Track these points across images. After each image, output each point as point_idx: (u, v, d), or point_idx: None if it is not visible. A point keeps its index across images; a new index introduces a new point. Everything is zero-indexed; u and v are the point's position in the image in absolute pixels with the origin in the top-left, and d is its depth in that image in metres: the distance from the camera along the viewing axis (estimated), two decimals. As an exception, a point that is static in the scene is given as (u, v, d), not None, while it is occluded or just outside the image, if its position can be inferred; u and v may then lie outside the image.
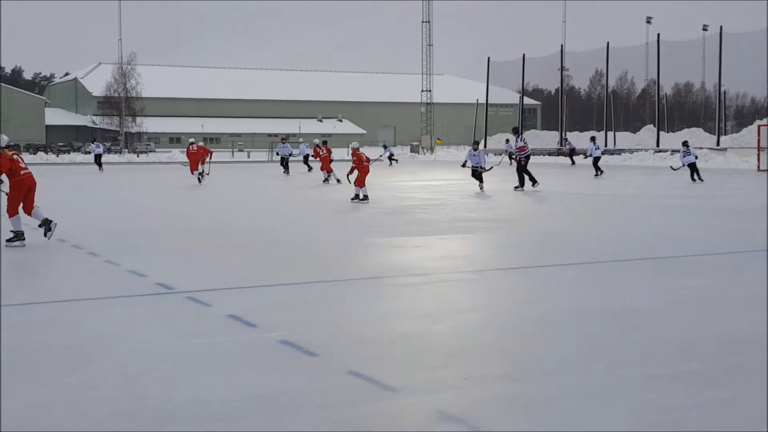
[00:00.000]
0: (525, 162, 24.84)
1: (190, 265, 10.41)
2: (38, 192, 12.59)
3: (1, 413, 4.68)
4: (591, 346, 6.24)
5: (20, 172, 12.09)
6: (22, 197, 12.14)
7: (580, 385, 5.25)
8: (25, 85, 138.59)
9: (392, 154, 51.91)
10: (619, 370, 5.60)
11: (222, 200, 22.41)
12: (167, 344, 6.31)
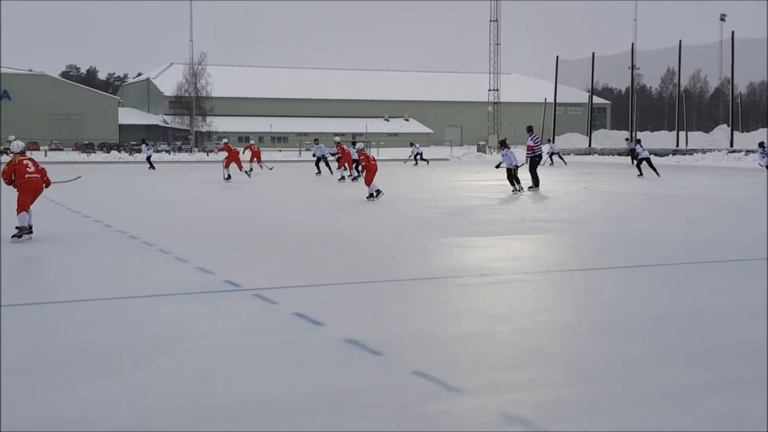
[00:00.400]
0: (532, 160, 24.84)
1: (257, 263, 10.52)
2: (111, 188, 12.88)
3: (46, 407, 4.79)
4: (660, 350, 6.11)
5: (24, 175, 12.69)
6: (30, 197, 12.70)
7: (649, 389, 5.15)
8: (99, 86, 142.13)
9: (421, 154, 51.26)
10: (691, 374, 5.47)
11: (286, 198, 22.60)
12: (235, 341, 6.38)
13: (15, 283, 9.05)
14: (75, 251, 11.74)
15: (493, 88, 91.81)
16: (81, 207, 18.09)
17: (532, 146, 25.03)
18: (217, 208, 19.08)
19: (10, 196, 12.86)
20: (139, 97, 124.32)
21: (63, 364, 5.77)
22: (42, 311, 7.63)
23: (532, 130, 26.04)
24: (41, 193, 13.09)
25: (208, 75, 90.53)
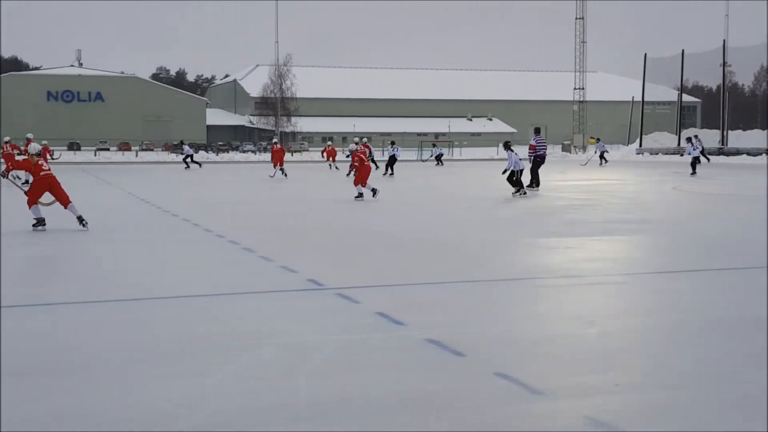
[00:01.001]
0: (534, 161, 25.01)
1: (340, 263, 10.58)
2: (198, 187, 13.15)
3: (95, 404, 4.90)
4: (746, 354, 5.91)
5: (39, 173, 13.95)
6: (42, 193, 13.95)
7: (734, 394, 4.99)
8: (188, 87, 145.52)
9: (441, 155, 50.51)
10: (785, 382, 5.27)
11: (379, 199, 22.70)
12: (318, 339, 6.43)
13: (106, 280, 9.31)
14: (164, 249, 12.03)
15: (579, 86, 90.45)
16: (170, 206, 18.52)
17: (534, 146, 25.32)
18: (297, 208, 19.28)
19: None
20: (226, 99, 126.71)
21: (149, 359, 5.90)
22: (131, 308, 7.82)
23: (538, 132, 26.47)
24: (57, 188, 14.06)
25: (293, 76, 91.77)
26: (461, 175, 34.19)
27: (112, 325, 6.99)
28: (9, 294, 8.29)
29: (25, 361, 5.81)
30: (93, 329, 6.84)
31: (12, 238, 13.00)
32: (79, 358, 5.91)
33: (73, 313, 7.56)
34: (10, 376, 5.43)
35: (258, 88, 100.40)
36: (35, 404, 4.90)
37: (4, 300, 7.90)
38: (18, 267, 10.23)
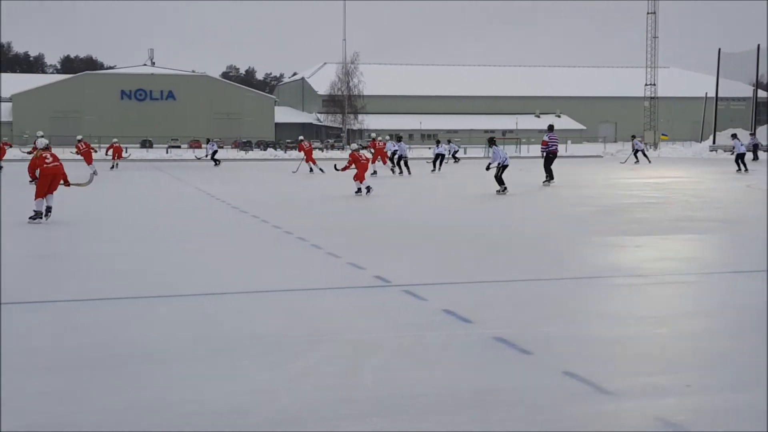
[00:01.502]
0: (546, 156, 25.92)
1: (405, 259, 10.59)
2: (265, 184, 13.30)
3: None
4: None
5: (43, 165, 14.66)
6: (47, 185, 14.49)
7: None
8: (257, 85, 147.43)
9: (456, 151, 49.27)
10: None
11: (436, 195, 22.68)
12: (385, 336, 6.47)
13: (186, 275, 9.51)
14: (234, 245, 12.22)
15: (650, 82, 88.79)
16: (238, 202, 18.79)
17: (546, 141, 26.29)
18: (361, 204, 19.37)
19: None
20: (294, 96, 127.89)
21: (225, 352, 6.02)
22: (203, 302, 7.98)
23: (552, 129, 27.30)
24: (59, 181, 14.79)
25: (360, 74, 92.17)
26: (529, 172, 33.90)
27: (184, 319, 7.14)
28: (99, 289, 8.54)
29: (110, 353, 5.98)
30: (167, 323, 7.00)
31: (88, 232, 13.37)
32: (151, 350, 6.06)
33: (148, 307, 7.75)
34: (103, 368, 5.61)
35: (325, 85, 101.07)
36: (119, 395, 5.05)
37: (95, 293, 8.14)
38: (104, 264, 10.52)
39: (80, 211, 16.71)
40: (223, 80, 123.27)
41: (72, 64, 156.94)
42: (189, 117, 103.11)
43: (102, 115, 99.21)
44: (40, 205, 14.45)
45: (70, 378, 5.38)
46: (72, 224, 14.62)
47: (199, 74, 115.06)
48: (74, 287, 8.72)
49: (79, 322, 7.04)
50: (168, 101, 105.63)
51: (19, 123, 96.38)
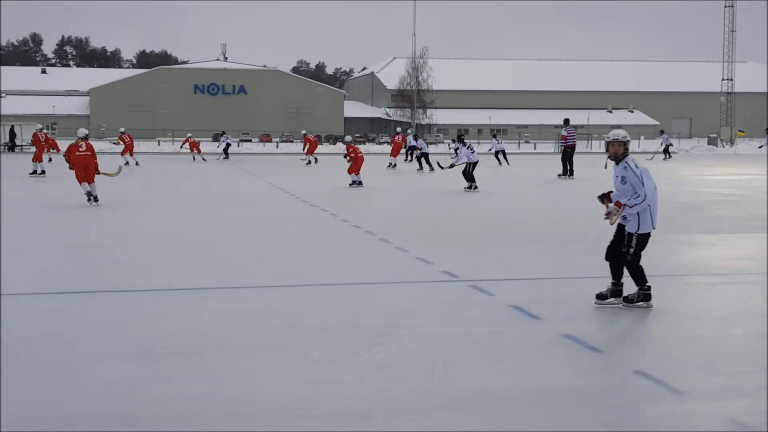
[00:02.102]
0: (564, 150, 26.85)
1: (472, 254, 10.56)
2: (334, 178, 13.34)
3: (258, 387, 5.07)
4: None
5: (75, 153, 16.35)
6: (81, 170, 16.18)
7: None
8: (327, 80, 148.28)
9: (503, 151, 47.15)
10: None
11: (505, 190, 22.51)
12: (453, 331, 6.48)
13: (257, 267, 9.66)
14: (303, 238, 12.34)
15: (727, 77, 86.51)
16: (307, 196, 18.95)
17: (565, 136, 27.24)
18: (426, 198, 19.34)
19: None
20: (363, 91, 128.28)
21: (296, 343, 6.10)
22: (275, 294, 8.09)
23: (568, 123, 28.15)
24: (92, 169, 16.23)
25: (430, 68, 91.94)
26: (598, 169, 33.35)
27: (256, 310, 7.25)
28: (177, 279, 8.75)
29: (197, 343, 6.12)
30: (241, 314, 7.11)
31: (156, 224, 13.66)
32: (227, 341, 6.17)
33: (222, 298, 7.89)
34: (181, 356, 5.76)
35: (395, 80, 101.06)
36: (199, 382, 5.16)
37: (174, 283, 8.35)
38: (177, 255, 10.74)
39: (154, 203, 17.09)
40: (293, 75, 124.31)
41: (147, 59, 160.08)
42: (260, 111, 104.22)
43: (175, 109, 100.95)
44: (85, 187, 16.11)
45: (155, 366, 5.53)
46: (141, 214, 14.98)
47: (270, 69, 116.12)
48: (152, 277, 8.92)
49: (160, 311, 7.21)
50: (240, 95, 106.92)
51: (96, 117, 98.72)
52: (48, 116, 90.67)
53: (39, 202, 17.44)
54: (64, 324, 6.70)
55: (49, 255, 10.35)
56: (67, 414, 4.63)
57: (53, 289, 8.18)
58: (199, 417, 4.58)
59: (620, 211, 7.17)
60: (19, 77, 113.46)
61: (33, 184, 23.04)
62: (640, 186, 7.04)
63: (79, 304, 7.53)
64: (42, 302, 7.62)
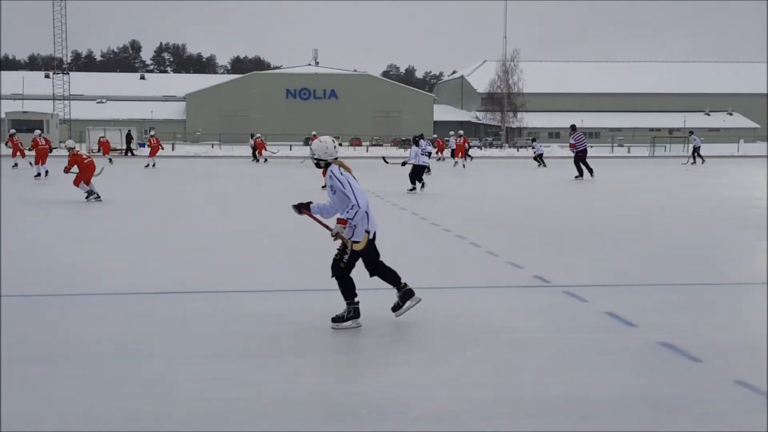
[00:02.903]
0: (576, 155, 27.66)
1: (564, 259, 10.37)
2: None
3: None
4: None
5: (84, 161, 18.00)
6: (83, 175, 17.88)
7: None
8: (416, 84, 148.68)
9: (541, 154, 44.63)
10: None
11: (599, 195, 22.10)
12: (544, 337, 6.37)
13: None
14: (395, 243, 12.36)
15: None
16: (396, 199, 18.98)
17: (573, 143, 28.14)
18: (526, 204, 19.13)
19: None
20: (453, 94, 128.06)
21: (384, 346, 6.10)
22: (367, 296, 8.11)
23: (575, 129, 28.92)
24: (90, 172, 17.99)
25: (520, 71, 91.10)
26: (696, 173, 32.50)
27: (333, 312, 7.25)
28: (267, 280, 8.88)
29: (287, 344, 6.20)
30: (326, 314, 7.15)
31: (241, 224, 13.86)
32: (316, 342, 6.21)
33: (311, 299, 7.95)
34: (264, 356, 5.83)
35: (485, 83, 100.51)
36: (287, 383, 5.22)
37: (263, 284, 8.47)
38: (270, 257, 10.89)
39: (253, 203, 17.38)
40: (383, 79, 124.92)
41: (241, 64, 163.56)
42: (350, 115, 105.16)
43: (268, 113, 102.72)
44: (83, 188, 17.85)
45: (240, 365, 5.60)
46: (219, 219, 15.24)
47: (360, 73, 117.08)
48: (240, 278, 9.06)
49: (245, 311, 7.30)
50: (330, 100, 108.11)
51: (191, 121, 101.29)
52: (146, 121, 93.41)
53: (134, 202, 17.95)
54: (155, 323, 6.85)
55: (141, 254, 10.62)
56: (157, 411, 4.72)
57: (145, 290, 8.38)
58: (287, 417, 4.62)
59: (346, 227, 6.55)
60: (118, 83, 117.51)
61: (133, 185, 23.73)
62: (351, 194, 6.42)
63: (170, 304, 7.70)
64: (133, 302, 7.82)
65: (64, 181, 19.98)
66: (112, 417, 4.61)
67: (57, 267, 9.71)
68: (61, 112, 76.15)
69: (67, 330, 6.57)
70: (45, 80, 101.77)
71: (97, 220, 14.84)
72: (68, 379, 5.31)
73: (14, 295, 7.82)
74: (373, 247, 6.79)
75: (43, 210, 16.58)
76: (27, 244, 11.50)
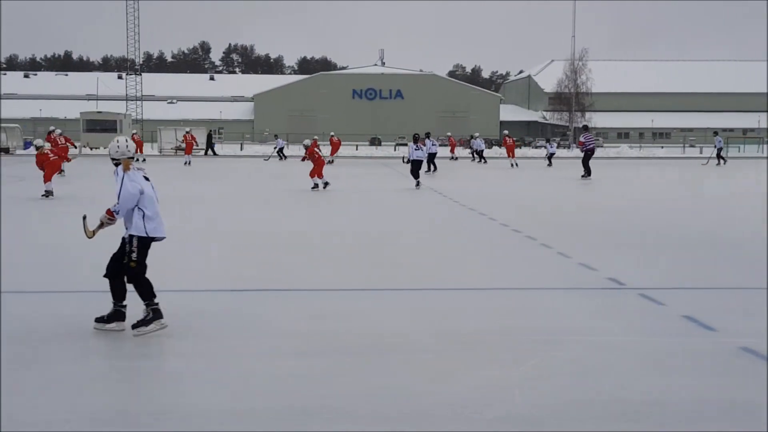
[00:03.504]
0: (585, 154, 28.89)
1: (640, 261, 10.22)
2: (484, 182, 13.14)
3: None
4: None
5: (49, 159, 18.82)
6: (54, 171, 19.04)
7: None
8: (483, 84, 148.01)
9: (552, 155, 42.94)
10: None
11: (666, 195, 21.71)
12: (623, 340, 6.31)
13: (423, 270, 9.74)
14: (466, 243, 12.35)
15: None
16: (464, 200, 18.93)
17: (582, 142, 29.77)
18: (584, 203, 18.91)
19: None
20: (519, 94, 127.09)
21: (459, 346, 6.11)
22: (441, 296, 8.13)
23: (587, 129, 31.12)
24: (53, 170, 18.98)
25: (589, 70, 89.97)
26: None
27: (422, 312, 7.30)
28: (342, 279, 8.98)
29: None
30: (406, 314, 7.18)
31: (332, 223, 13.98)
32: (394, 340, 6.25)
33: (388, 298, 8.00)
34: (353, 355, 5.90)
35: (552, 83, 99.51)
36: (367, 380, 5.27)
37: (339, 283, 8.56)
38: (346, 256, 10.98)
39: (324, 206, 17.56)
40: (449, 79, 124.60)
41: (308, 65, 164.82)
42: (416, 115, 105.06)
43: (334, 113, 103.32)
44: (50, 186, 18.58)
45: (322, 362, 5.68)
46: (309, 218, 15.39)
47: (426, 73, 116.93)
48: (328, 277, 9.15)
49: (325, 310, 7.39)
50: (396, 100, 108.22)
51: (259, 121, 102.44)
52: (215, 121, 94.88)
53: (216, 197, 18.26)
54: (245, 318, 6.97)
55: (230, 251, 10.79)
56: (246, 408, 4.82)
57: (234, 287, 8.53)
58: (372, 415, 4.67)
59: (111, 218, 6.65)
60: (188, 84, 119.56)
61: (202, 183, 24.12)
62: (118, 191, 6.47)
63: (259, 301, 7.83)
64: (223, 298, 7.97)
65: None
66: (197, 412, 4.71)
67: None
68: (134, 113, 77.79)
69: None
70: (118, 81, 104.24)
71: (178, 219, 15.13)
72: (154, 372, 5.45)
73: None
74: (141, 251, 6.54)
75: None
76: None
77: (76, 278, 8.71)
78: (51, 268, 9.45)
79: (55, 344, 6.10)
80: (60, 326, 6.60)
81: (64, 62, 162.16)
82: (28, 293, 8.11)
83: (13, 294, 7.89)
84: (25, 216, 15.19)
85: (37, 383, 5.17)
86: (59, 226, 13.76)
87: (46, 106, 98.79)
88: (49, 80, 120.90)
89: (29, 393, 4.98)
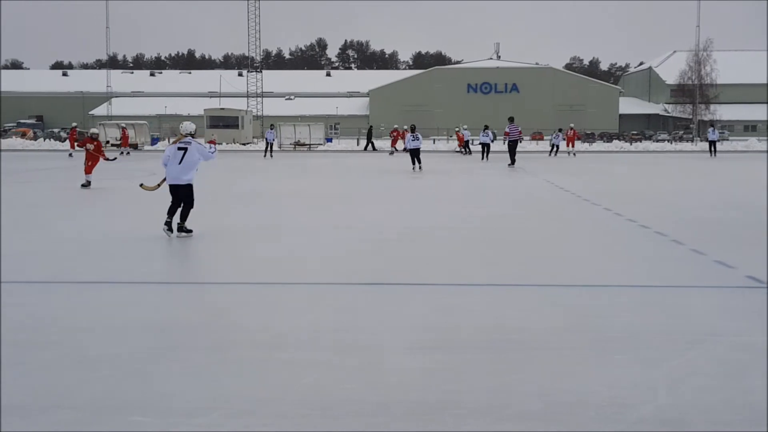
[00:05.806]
0: (509, 144, 32.83)
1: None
2: (608, 176, 12.81)
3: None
4: None
5: (101, 150, 21.09)
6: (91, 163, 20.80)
7: None
8: (601, 76, 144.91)
9: (558, 148, 41.91)
10: None
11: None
12: (765, 340, 6.03)
13: (552, 265, 9.60)
14: (593, 239, 12.10)
15: None
16: (588, 194, 18.58)
17: (508, 132, 33.49)
18: (713, 197, 18.20)
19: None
20: (639, 86, 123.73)
21: (598, 344, 5.98)
22: (572, 293, 7.98)
23: (512, 120, 33.69)
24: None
25: (714, 61, 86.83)
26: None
27: (552, 308, 7.18)
28: (470, 273, 8.95)
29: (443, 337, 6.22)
30: (535, 310, 7.08)
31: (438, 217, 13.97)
32: (529, 337, 6.17)
33: (515, 293, 7.91)
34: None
35: (674, 74, 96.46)
36: (498, 377, 5.22)
37: (463, 278, 8.54)
38: (466, 249, 10.94)
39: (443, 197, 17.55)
40: (566, 71, 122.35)
41: (423, 59, 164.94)
42: (532, 109, 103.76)
43: (449, 107, 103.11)
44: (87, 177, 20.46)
45: (452, 357, 5.65)
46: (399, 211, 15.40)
47: (542, 66, 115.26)
48: (440, 270, 9.14)
49: (453, 304, 7.37)
50: (512, 94, 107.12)
51: (374, 116, 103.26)
52: (332, 117, 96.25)
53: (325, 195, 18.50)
54: (364, 313, 7.02)
55: (344, 246, 10.92)
56: (377, 401, 4.83)
57: (354, 281, 8.62)
58: (504, 411, 4.62)
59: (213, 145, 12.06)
60: (305, 80, 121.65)
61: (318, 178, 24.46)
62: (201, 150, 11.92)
63: (378, 296, 7.87)
64: (344, 292, 8.06)
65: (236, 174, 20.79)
66: (306, 403, 4.76)
67: (261, 258, 10.19)
68: (254, 109, 79.67)
69: (282, 318, 6.87)
70: (238, 78, 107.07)
71: (293, 213, 15.42)
72: (286, 364, 5.54)
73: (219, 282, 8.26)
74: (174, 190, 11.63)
75: (241, 202, 17.46)
76: (238, 235, 12.14)
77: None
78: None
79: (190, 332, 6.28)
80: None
81: (187, 61, 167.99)
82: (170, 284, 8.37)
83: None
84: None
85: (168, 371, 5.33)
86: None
87: (170, 103, 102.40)
88: (174, 78, 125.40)
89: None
